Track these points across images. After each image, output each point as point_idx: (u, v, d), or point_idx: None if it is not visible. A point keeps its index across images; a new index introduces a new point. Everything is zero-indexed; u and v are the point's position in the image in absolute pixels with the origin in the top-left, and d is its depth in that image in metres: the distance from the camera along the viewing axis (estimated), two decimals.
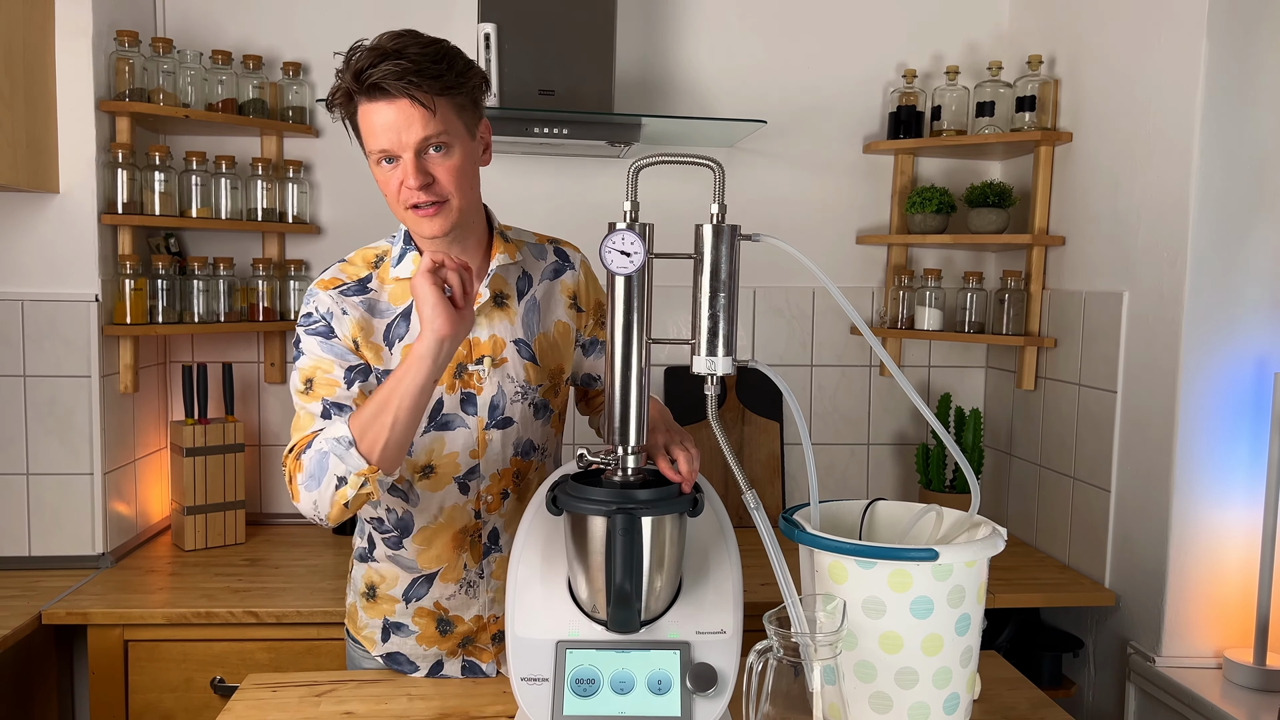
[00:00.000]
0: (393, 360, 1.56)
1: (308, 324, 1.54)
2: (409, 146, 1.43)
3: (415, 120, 1.42)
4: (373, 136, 1.45)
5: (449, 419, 1.60)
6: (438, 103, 1.43)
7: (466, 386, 1.59)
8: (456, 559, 1.65)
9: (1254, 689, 1.97)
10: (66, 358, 2.31)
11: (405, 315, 1.57)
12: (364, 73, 1.41)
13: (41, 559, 2.33)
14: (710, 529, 1.47)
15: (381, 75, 1.40)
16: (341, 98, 1.46)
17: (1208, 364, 2.07)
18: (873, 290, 2.91)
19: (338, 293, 1.56)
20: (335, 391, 1.50)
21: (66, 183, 2.29)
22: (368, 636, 1.71)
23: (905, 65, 2.84)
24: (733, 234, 1.35)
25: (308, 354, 1.53)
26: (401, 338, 1.56)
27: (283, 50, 2.68)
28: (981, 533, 1.46)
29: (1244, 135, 2.04)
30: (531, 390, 1.64)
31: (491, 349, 1.60)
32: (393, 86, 1.40)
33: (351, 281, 1.58)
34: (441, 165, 1.46)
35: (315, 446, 1.44)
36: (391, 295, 1.58)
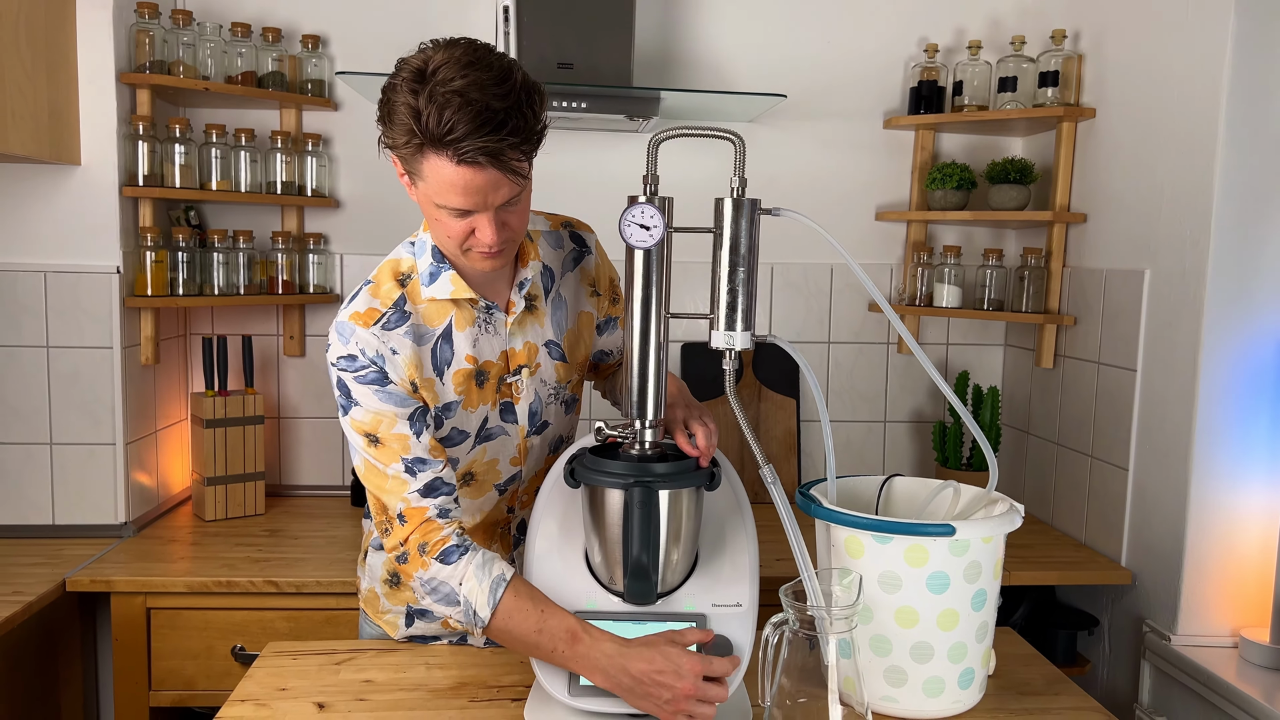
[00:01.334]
0: (447, 391, 1.48)
1: (354, 369, 1.41)
2: (492, 207, 1.33)
3: (504, 184, 1.31)
4: (448, 194, 1.31)
5: (492, 431, 1.55)
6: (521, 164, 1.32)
7: (505, 397, 1.55)
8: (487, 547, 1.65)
9: (1270, 668, 1.97)
10: (89, 329, 2.33)
11: (446, 336, 1.48)
12: (458, 143, 1.25)
13: (65, 528, 2.36)
14: (727, 503, 1.48)
15: (480, 150, 1.26)
16: (408, 147, 1.29)
17: (1228, 343, 2.05)
18: (891, 267, 2.90)
19: (380, 329, 1.43)
20: (410, 446, 1.43)
21: (88, 155, 2.31)
22: (390, 622, 1.71)
23: (927, 40, 2.81)
24: (753, 208, 1.34)
25: (364, 405, 1.42)
26: (449, 362, 1.48)
27: (302, 23, 2.68)
28: (999, 509, 1.46)
29: (1270, 114, 2.01)
30: (562, 389, 1.62)
31: (526, 357, 1.55)
32: (488, 163, 1.27)
33: (389, 309, 1.44)
34: (515, 213, 1.37)
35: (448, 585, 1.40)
36: (426, 316, 1.47)
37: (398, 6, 2.71)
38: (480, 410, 1.53)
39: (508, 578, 1.40)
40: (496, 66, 1.28)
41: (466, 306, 1.50)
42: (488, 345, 1.51)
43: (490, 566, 1.40)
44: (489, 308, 1.51)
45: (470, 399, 1.51)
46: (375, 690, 1.51)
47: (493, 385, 1.53)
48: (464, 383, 1.50)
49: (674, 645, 1.33)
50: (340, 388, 1.44)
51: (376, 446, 1.43)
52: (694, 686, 1.30)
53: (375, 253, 2.75)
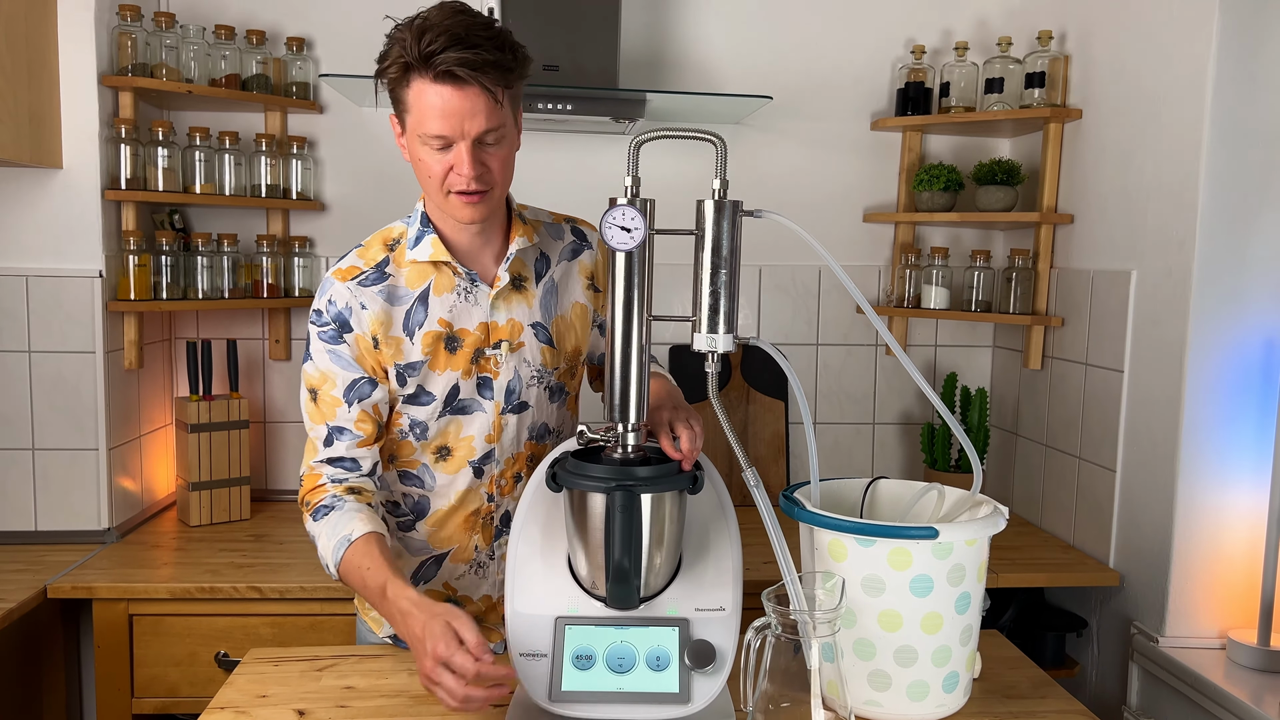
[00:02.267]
0: (414, 351, 1.54)
1: (319, 324, 1.53)
2: (470, 135, 1.40)
3: (480, 110, 1.39)
4: (429, 120, 1.40)
5: (466, 403, 1.59)
6: (504, 95, 1.41)
7: (483, 371, 1.58)
8: (468, 540, 1.65)
9: (1258, 670, 1.97)
10: (71, 334, 2.31)
11: (423, 299, 1.55)
12: (436, 56, 1.36)
13: (48, 534, 2.34)
14: (711, 506, 1.47)
15: (456, 62, 1.35)
16: (396, 70, 1.41)
17: (1215, 344, 2.05)
18: (879, 269, 2.89)
19: (356, 284, 1.53)
20: (336, 414, 1.54)
21: (70, 158, 2.29)
22: (375, 617, 1.71)
23: (914, 41, 2.81)
24: (734, 210, 1.34)
25: (315, 360, 1.54)
26: (421, 324, 1.54)
27: (286, 25, 2.67)
28: (983, 512, 1.45)
29: (1255, 114, 2.01)
30: (548, 374, 1.63)
31: (509, 333, 1.58)
32: (467, 75, 1.36)
33: (369, 268, 1.54)
34: (495, 155, 1.45)
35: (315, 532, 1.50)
36: (408, 279, 1.55)
37: (382, 9, 2.68)
38: (448, 375, 1.56)
39: (353, 538, 1.45)
40: (482, 18, 1.42)
41: (447, 273, 1.55)
42: (465, 314, 1.56)
43: (341, 525, 1.47)
44: (471, 277, 1.55)
45: (437, 361, 1.56)
46: (356, 696, 1.50)
47: (467, 355, 1.56)
48: (432, 344, 1.55)
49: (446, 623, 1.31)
50: (307, 338, 1.57)
51: (315, 403, 1.55)
52: (431, 667, 1.29)
53: None
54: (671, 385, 1.60)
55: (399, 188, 2.73)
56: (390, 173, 2.73)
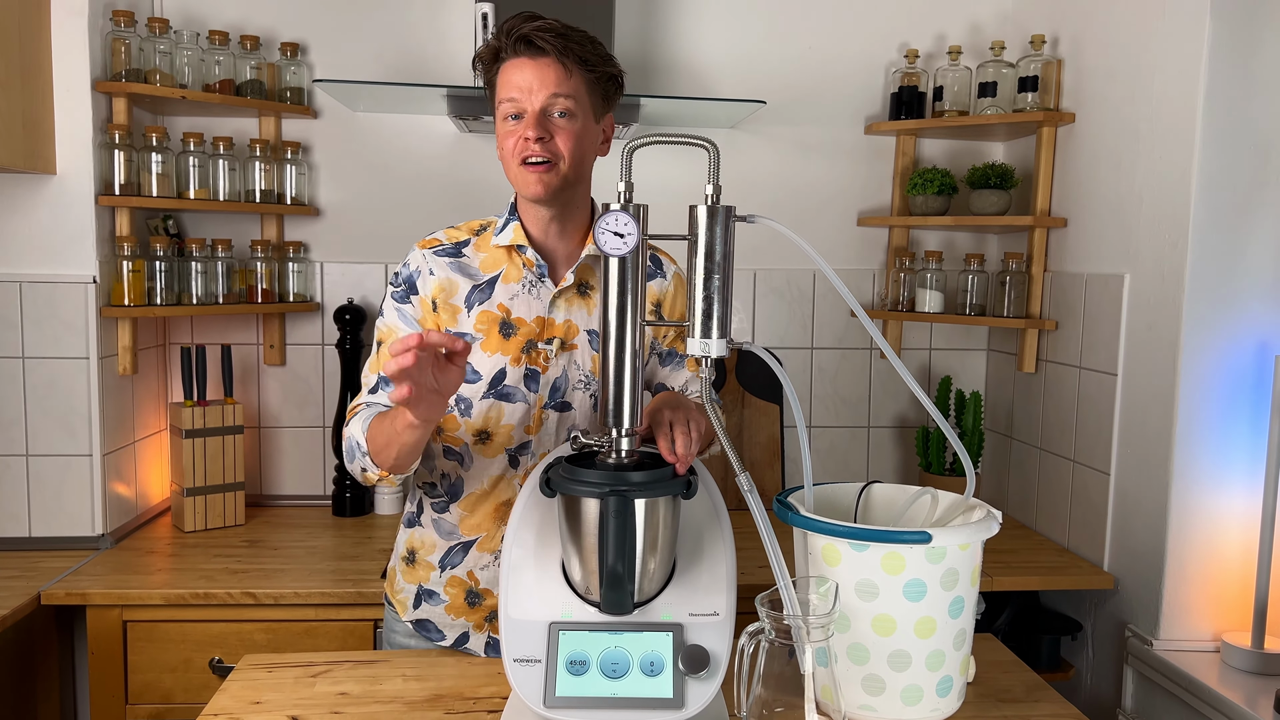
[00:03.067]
0: (467, 322, 1.61)
1: (394, 283, 1.64)
2: (538, 101, 1.50)
3: (550, 78, 1.49)
4: (506, 87, 1.51)
5: (510, 391, 1.62)
6: (575, 70, 1.51)
7: (532, 363, 1.62)
8: (495, 530, 1.67)
9: (1252, 672, 1.97)
10: (65, 339, 2.31)
11: (490, 283, 1.62)
12: (515, 29, 1.50)
13: (41, 540, 2.34)
14: (705, 511, 1.47)
15: (533, 30, 1.48)
16: (488, 55, 1.54)
17: (1208, 347, 2.05)
18: (874, 272, 2.90)
19: (431, 252, 1.64)
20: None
21: (63, 164, 2.29)
22: (401, 600, 1.74)
23: (907, 45, 2.81)
24: (727, 215, 1.34)
25: (386, 316, 1.64)
26: (482, 303, 1.62)
27: (280, 31, 2.67)
28: (976, 515, 1.45)
29: (1247, 117, 2.02)
30: (595, 382, 1.65)
31: (565, 332, 1.63)
32: (541, 40, 1.48)
33: (448, 244, 1.65)
34: (562, 129, 1.52)
35: (347, 431, 1.57)
36: (484, 263, 1.63)
37: (377, 14, 2.70)
38: (497, 359, 1.61)
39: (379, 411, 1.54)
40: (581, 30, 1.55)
41: (518, 263, 1.62)
42: (524, 305, 1.62)
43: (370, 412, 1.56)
44: (540, 272, 1.62)
45: (489, 341, 1.61)
46: (350, 703, 1.50)
47: (519, 343, 1.62)
48: (488, 324, 1.61)
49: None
50: (383, 300, 1.66)
51: (377, 354, 1.65)
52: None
53: (356, 260, 2.74)
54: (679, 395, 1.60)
55: (393, 192, 2.74)
56: (384, 177, 2.73)
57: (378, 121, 2.73)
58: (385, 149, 2.73)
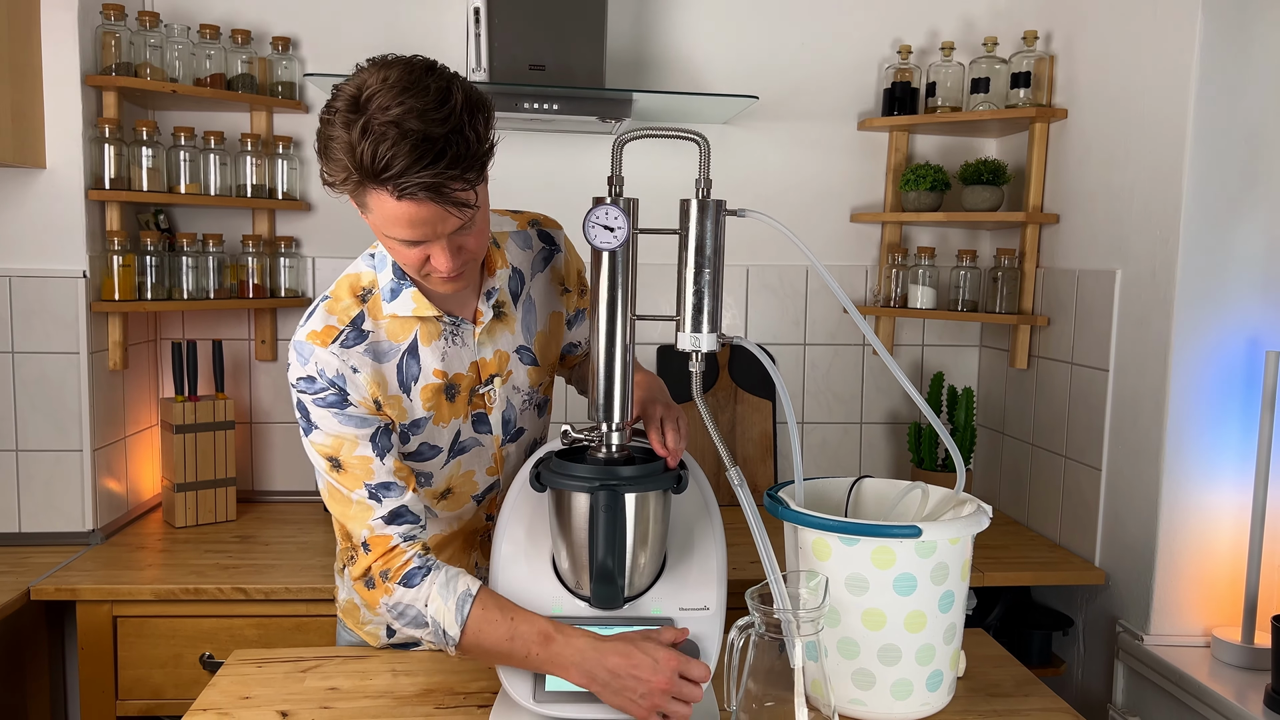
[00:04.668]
0: (416, 408, 1.44)
1: (312, 390, 1.38)
2: (443, 236, 1.28)
3: (453, 215, 1.25)
4: (396, 228, 1.26)
5: (466, 444, 1.53)
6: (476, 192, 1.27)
7: (477, 408, 1.52)
8: (467, 558, 1.65)
9: (1242, 667, 1.98)
10: (55, 334, 2.30)
11: (412, 352, 1.44)
12: (396, 179, 1.19)
13: (32, 535, 2.33)
14: (695, 506, 1.47)
15: (420, 186, 1.20)
16: (351, 186, 1.24)
17: (1199, 343, 2.06)
18: (866, 268, 2.90)
19: (338, 345, 1.39)
20: (372, 470, 1.40)
21: (53, 158, 2.28)
22: (371, 633, 1.69)
23: (900, 41, 2.81)
24: (718, 209, 1.34)
25: (323, 429, 1.39)
26: (415, 379, 1.44)
27: (271, 25, 2.66)
28: (966, 510, 1.45)
29: (1237, 113, 2.02)
30: (535, 392, 1.60)
31: (497, 365, 1.52)
32: (427, 198, 1.21)
33: (346, 326, 1.40)
34: (471, 236, 1.32)
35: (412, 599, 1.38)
36: (390, 332, 1.43)
37: (369, 8, 2.69)
38: (453, 425, 1.50)
39: (474, 592, 1.37)
40: (434, 89, 1.21)
41: (432, 320, 1.46)
42: (456, 358, 1.48)
43: (455, 583, 1.38)
44: (456, 322, 1.48)
45: (441, 414, 1.48)
46: (340, 698, 1.50)
47: (464, 398, 1.50)
48: (433, 397, 1.46)
49: (651, 641, 1.33)
50: (300, 409, 1.41)
51: (339, 471, 1.41)
52: (669, 681, 1.30)
53: (347, 255, 2.73)
54: (656, 379, 1.59)
55: None
56: None
57: None
58: None
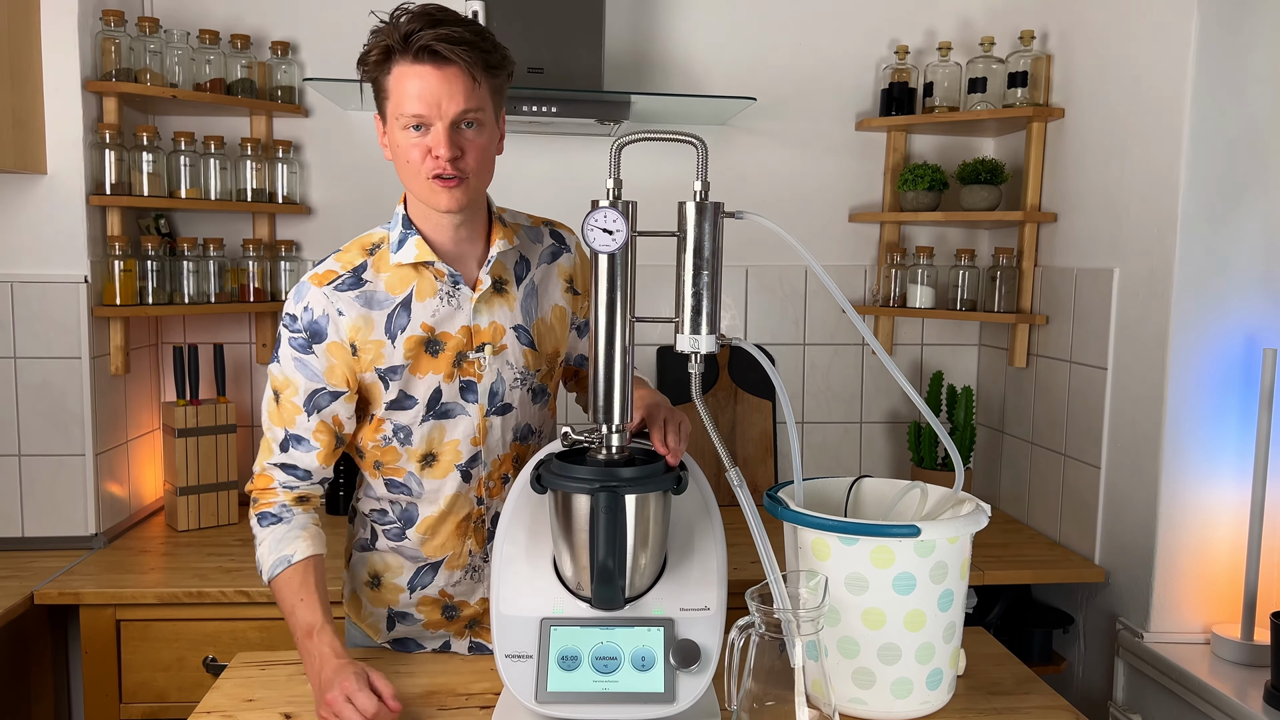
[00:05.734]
0: (395, 354, 1.52)
1: (290, 329, 1.52)
2: (447, 116, 1.41)
3: (459, 91, 1.41)
4: (407, 100, 1.41)
5: (449, 407, 1.58)
6: (481, 79, 1.42)
7: (466, 375, 1.57)
8: (461, 546, 1.65)
9: (1241, 664, 1.98)
10: (57, 339, 2.31)
11: (405, 305, 1.53)
12: (415, 34, 1.38)
13: (35, 539, 2.34)
14: (695, 506, 1.48)
15: (435, 39, 1.38)
16: (378, 55, 1.42)
17: (1197, 340, 2.06)
18: (865, 268, 2.91)
19: (332, 288, 1.51)
20: (295, 421, 1.54)
21: (54, 163, 2.29)
22: (372, 625, 1.70)
23: (898, 41, 2.82)
24: (716, 211, 1.34)
25: (282, 364, 1.54)
26: (404, 329, 1.53)
27: (271, 29, 2.67)
28: (965, 509, 1.46)
29: (1234, 111, 2.02)
30: (530, 376, 1.63)
31: (491, 336, 1.57)
32: (446, 50, 1.38)
33: (346, 273, 1.53)
34: (473, 142, 1.45)
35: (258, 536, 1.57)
36: (389, 284, 1.53)
37: (367, 12, 2.69)
38: (429, 379, 1.55)
39: (293, 560, 1.51)
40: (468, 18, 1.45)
41: (429, 277, 1.54)
42: (448, 318, 1.55)
43: (285, 543, 1.53)
44: (454, 280, 1.54)
45: (419, 364, 1.55)
46: None
47: (449, 358, 1.56)
48: (414, 349, 1.54)
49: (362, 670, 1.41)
50: (277, 339, 1.56)
51: (276, 404, 1.56)
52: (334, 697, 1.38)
53: None
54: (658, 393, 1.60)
55: (384, 191, 2.73)
56: (376, 176, 2.73)
57: (369, 120, 2.73)
58: (376, 147, 2.73)
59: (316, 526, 1.58)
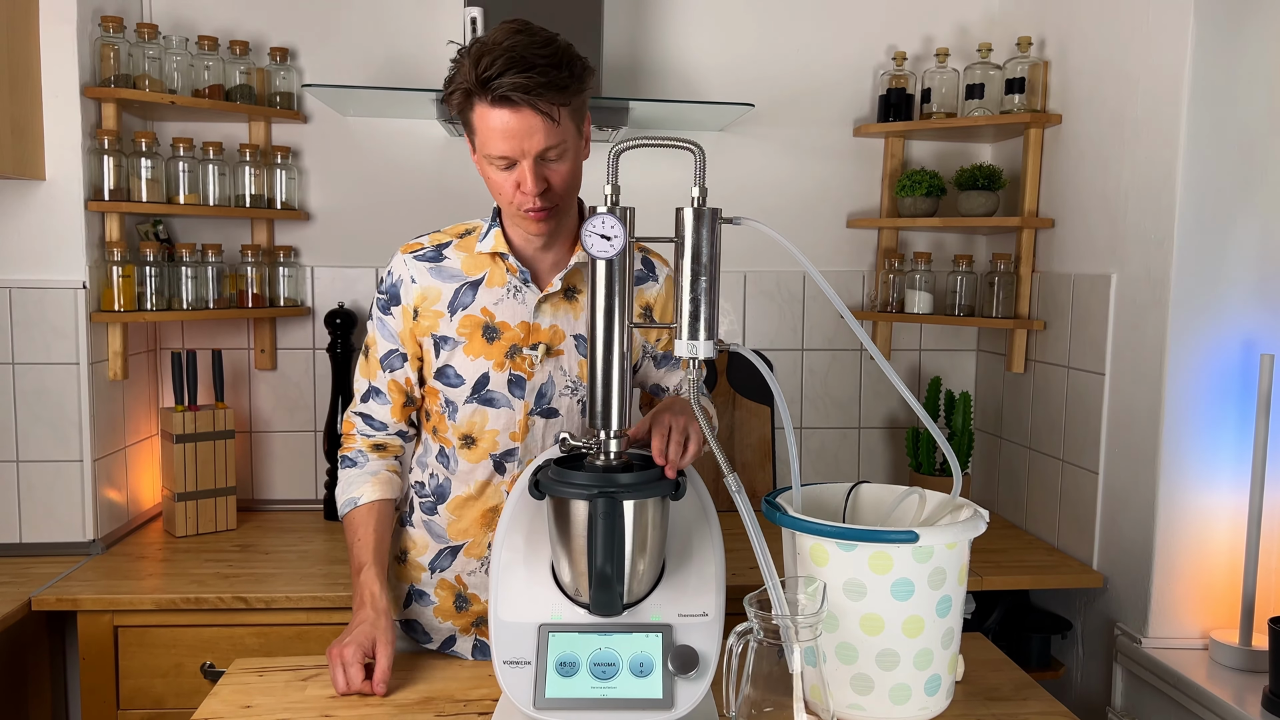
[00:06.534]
0: (449, 326, 1.62)
1: (379, 288, 1.67)
2: (530, 154, 1.45)
3: (538, 130, 1.44)
4: (492, 142, 1.45)
5: (493, 396, 1.63)
6: (560, 113, 1.45)
7: (517, 369, 1.63)
8: (483, 535, 1.68)
9: (1239, 669, 1.98)
10: (55, 345, 2.31)
11: (473, 286, 1.62)
12: (492, 81, 1.41)
13: (32, 545, 2.34)
14: (694, 512, 1.48)
15: (511, 87, 1.40)
16: (460, 98, 1.47)
17: (1195, 346, 2.07)
18: (863, 274, 2.91)
19: (413, 257, 1.64)
20: (376, 375, 1.68)
21: (53, 169, 2.29)
22: (394, 598, 1.75)
23: (895, 48, 2.83)
24: (714, 217, 1.34)
25: (373, 323, 1.68)
26: (466, 307, 1.62)
27: (269, 36, 2.67)
28: (963, 515, 1.46)
29: (1231, 117, 2.03)
30: (582, 387, 1.65)
31: (550, 338, 1.63)
32: (521, 99, 1.41)
33: (430, 247, 1.65)
34: (557, 171, 1.50)
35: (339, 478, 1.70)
36: (465, 264, 1.63)
37: (366, 18, 2.70)
38: (480, 363, 1.62)
39: (359, 502, 1.64)
40: (542, 34, 1.46)
41: (502, 269, 1.62)
42: (509, 310, 1.62)
43: (354, 485, 1.66)
44: (524, 277, 1.61)
45: (473, 345, 1.62)
46: (341, 706, 1.50)
47: (503, 348, 1.62)
48: (471, 328, 1.62)
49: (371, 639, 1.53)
50: (373, 301, 1.68)
51: (365, 358, 1.70)
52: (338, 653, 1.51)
53: (346, 265, 2.74)
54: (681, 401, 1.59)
55: (384, 197, 2.74)
56: (375, 182, 2.74)
57: (368, 126, 2.73)
58: (375, 153, 2.74)
59: (390, 473, 1.70)
